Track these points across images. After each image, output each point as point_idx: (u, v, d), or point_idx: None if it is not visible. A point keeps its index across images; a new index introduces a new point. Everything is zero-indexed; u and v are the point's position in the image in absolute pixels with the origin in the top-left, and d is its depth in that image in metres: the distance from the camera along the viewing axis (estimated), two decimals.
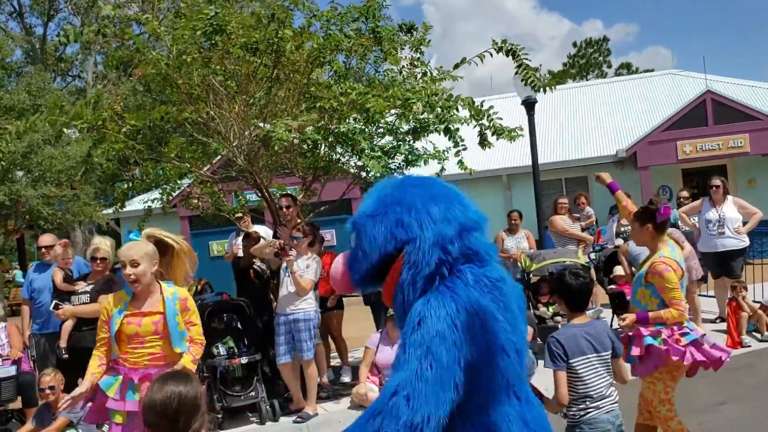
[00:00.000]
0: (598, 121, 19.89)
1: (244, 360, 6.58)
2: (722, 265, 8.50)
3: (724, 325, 8.27)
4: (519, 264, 8.53)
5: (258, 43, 6.34)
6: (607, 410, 3.48)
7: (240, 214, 8.44)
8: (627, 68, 46.35)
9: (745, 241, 8.46)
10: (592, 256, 9.50)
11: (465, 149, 7.28)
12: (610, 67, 47.80)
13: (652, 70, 36.22)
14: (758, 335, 8.04)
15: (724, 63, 74.55)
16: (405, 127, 7.35)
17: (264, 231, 8.09)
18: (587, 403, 3.47)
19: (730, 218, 8.37)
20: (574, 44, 48.87)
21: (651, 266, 4.31)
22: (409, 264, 2.15)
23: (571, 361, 3.46)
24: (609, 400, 3.51)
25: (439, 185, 2.30)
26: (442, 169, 7.84)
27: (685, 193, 10.00)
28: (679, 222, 9.14)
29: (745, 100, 16.99)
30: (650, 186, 16.23)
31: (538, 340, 7.65)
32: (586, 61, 48.06)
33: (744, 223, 8.55)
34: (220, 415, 6.34)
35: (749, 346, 7.73)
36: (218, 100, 6.93)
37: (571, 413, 3.51)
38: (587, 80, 40.42)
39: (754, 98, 18.10)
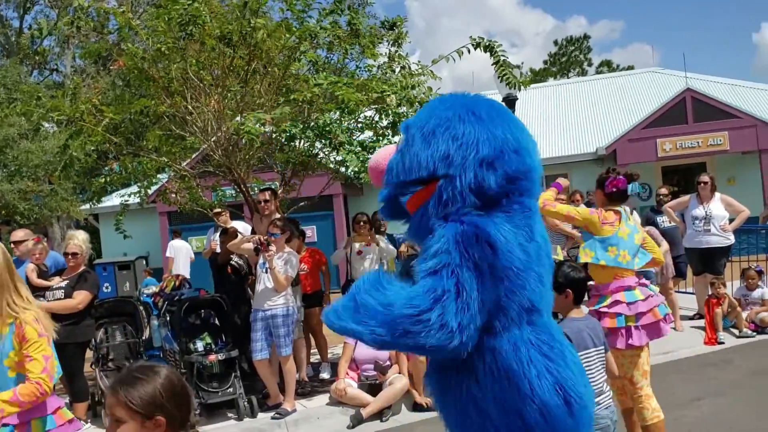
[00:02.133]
0: (579, 118, 19.97)
1: (221, 356, 6.51)
2: (705, 262, 8.49)
3: (702, 322, 8.32)
4: None
5: (231, 34, 6.27)
6: (606, 405, 3.45)
7: (218, 210, 8.36)
8: (607, 65, 46.61)
9: (731, 239, 8.41)
10: (573, 252, 9.49)
11: None
12: (590, 65, 48.10)
13: (633, 68, 36.52)
14: (736, 331, 8.09)
15: (706, 61, 75.30)
16: (384, 122, 7.31)
17: (242, 227, 8.02)
18: None
19: (717, 216, 8.34)
20: (555, 42, 49.07)
21: None
22: (440, 197, 2.14)
23: None
24: (606, 395, 3.48)
25: (508, 120, 2.22)
26: None
27: (664, 191, 10.00)
28: (660, 218, 9.13)
29: (726, 99, 17.12)
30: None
31: None
32: (567, 59, 48.27)
33: (731, 221, 8.57)
34: (197, 411, 6.27)
35: (723, 342, 7.76)
36: (195, 94, 6.84)
37: None
38: (568, 78, 40.58)
39: (734, 96, 18.25)
